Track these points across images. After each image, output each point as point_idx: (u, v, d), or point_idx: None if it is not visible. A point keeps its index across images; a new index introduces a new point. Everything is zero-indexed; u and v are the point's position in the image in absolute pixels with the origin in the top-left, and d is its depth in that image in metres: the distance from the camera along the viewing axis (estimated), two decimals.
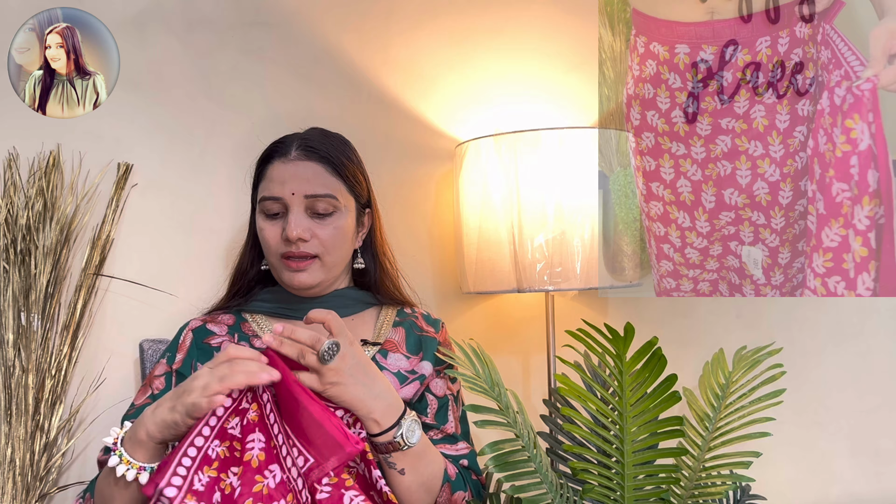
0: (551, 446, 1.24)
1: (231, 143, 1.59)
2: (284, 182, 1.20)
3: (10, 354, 1.41)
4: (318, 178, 1.21)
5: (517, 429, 1.11)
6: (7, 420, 1.40)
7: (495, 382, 1.10)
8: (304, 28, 1.65)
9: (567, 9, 1.72)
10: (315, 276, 1.21)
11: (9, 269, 1.43)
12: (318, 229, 1.20)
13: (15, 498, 1.39)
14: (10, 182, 1.47)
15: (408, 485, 1.07)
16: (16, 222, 1.44)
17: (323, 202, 1.20)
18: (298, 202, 1.19)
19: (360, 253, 1.30)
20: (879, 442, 1.72)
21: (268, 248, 1.22)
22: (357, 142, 1.34)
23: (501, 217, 1.48)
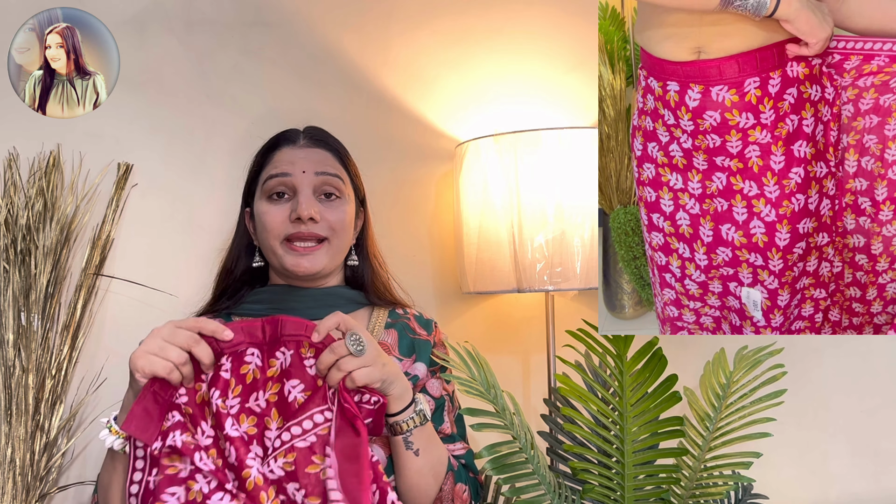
0: (552, 446, 1.24)
1: (231, 143, 1.59)
2: (294, 162, 1.20)
3: (10, 354, 1.41)
4: (328, 160, 1.23)
5: (514, 431, 1.11)
6: (7, 420, 1.40)
7: (491, 385, 1.10)
8: (304, 28, 1.65)
9: (567, 9, 1.72)
10: (320, 261, 1.19)
11: (9, 269, 1.43)
12: (326, 212, 1.20)
13: (15, 498, 1.39)
14: (10, 182, 1.47)
15: (419, 467, 1.09)
16: (16, 222, 1.44)
17: (332, 182, 1.20)
18: (308, 182, 1.19)
19: (353, 249, 1.29)
20: (880, 443, 1.72)
21: (270, 231, 1.19)
22: (357, 142, 1.34)
23: (501, 217, 1.48)
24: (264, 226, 1.20)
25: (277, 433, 0.98)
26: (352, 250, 1.28)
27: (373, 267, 1.31)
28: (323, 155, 1.23)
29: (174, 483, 0.95)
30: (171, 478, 0.95)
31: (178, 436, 0.96)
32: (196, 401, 0.99)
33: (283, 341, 1.02)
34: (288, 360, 1.01)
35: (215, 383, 0.99)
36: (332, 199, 1.21)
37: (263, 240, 1.21)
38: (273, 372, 1.01)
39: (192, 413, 0.98)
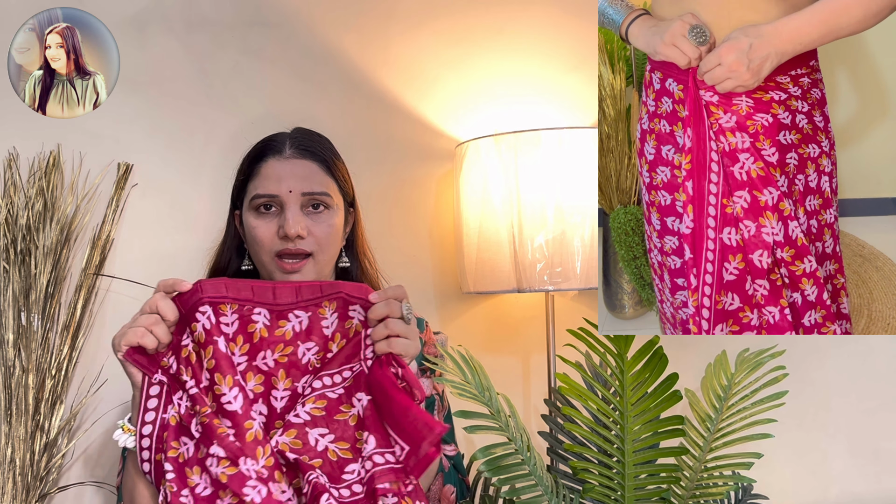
0: (552, 446, 1.24)
1: (231, 143, 1.59)
2: (281, 179, 1.19)
3: (10, 354, 1.41)
4: (315, 176, 1.21)
5: (510, 433, 1.11)
6: (7, 420, 1.40)
7: (485, 388, 1.10)
8: (304, 28, 1.65)
9: (567, 9, 1.72)
10: (307, 276, 1.20)
11: (9, 269, 1.43)
12: (313, 227, 1.19)
13: (15, 498, 1.39)
14: (10, 182, 1.46)
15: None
16: (16, 222, 1.44)
17: (319, 200, 1.20)
18: (295, 200, 1.19)
19: (344, 251, 1.29)
20: (880, 443, 1.72)
21: (260, 246, 1.19)
22: (357, 142, 1.34)
23: (501, 217, 1.48)
24: (255, 239, 1.20)
25: (308, 381, 1.02)
26: (342, 252, 1.28)
27: (362, 266, 1.30)
28: (310, 168, 1.21)
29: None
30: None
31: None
32: (190, 360, 1.01)
33: (302, 305, 1.04)
34: (305, 322, 1.04)
35: (216, 334, 1.01)
36: (319, 212, 1.20)
37: (254, 252, 1.22)
38: (282, 332, 1.03)
39: (186, 371, 1.01)
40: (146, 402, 1.00)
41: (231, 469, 0.93)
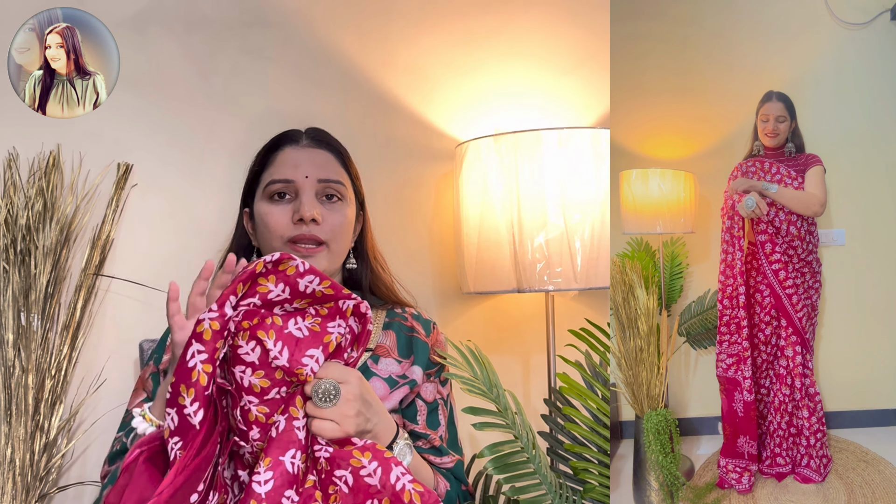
0: (552, 446, 1.24)
1: (231, 143, 1.59)
2: (297, 165, 1.20)
3: (10, 354, 1.41)
4: (330, 164, 1.22)
5: (516, 430, 1.11)
6: (7, 420, 1.40)
7: (493, 384, 1.10)
8: (304, 28, 1.65)
9: (566, 11, 1.72)
10: (319, 265, 1.18)
11: (9, 269, 1.43)
12: (328, 215, 1.19)
13: (15, 498, 1.39)
14: (10, 182, 1.46)
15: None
16: (16, 222, 1.44)
17: (334, 187, 1.20)
18: (311, 186, 1.19)
19: (351, 252, 1.29)
20: None
21: (273, 232, 1.18)
22: (358, 142, 1.34)
23: (501, 217, 1.48)
24: (267, 226, 1.19)
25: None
26: (350, 253, 1.28)
27: (374, 270, 1.30)
28: (325, 157, 1.23)
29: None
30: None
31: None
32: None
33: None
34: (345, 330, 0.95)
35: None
36: (333, 202, 1.20)
37: (265, 241, 1.21)
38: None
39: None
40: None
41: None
